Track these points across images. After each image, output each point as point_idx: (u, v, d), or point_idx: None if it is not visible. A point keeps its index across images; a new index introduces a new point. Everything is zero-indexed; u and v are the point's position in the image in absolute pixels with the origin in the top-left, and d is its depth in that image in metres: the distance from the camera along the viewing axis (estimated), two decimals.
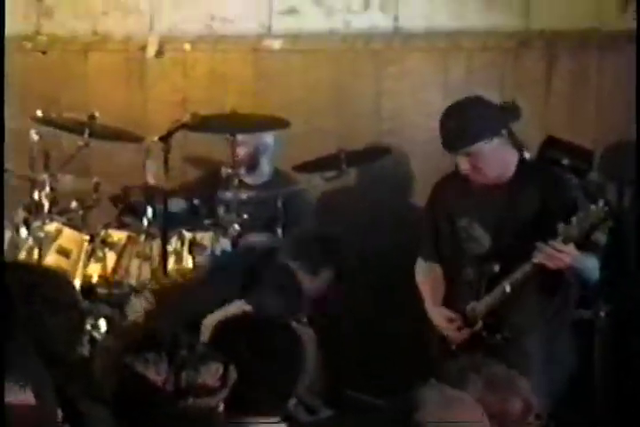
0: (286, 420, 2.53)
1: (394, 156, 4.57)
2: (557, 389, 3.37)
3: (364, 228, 4.66)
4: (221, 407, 2.42)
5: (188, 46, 5.00)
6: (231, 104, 4.39)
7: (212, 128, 4.15)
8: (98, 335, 3.79)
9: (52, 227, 4.17)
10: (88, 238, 4.13)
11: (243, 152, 4.40)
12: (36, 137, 4.29)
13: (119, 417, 2.28)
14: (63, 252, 4.15)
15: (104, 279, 4.09)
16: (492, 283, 3.39)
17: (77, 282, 4.04)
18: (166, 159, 3.92)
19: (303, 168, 4.32)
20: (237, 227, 4.01)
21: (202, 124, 4.04)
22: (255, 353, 2.46)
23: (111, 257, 4.10)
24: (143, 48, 5.01)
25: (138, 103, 5.01)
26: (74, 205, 4.27)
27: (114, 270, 4.10)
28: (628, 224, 3.49)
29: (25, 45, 5.11)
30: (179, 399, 2.36)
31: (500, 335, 3.39)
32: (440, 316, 3.51)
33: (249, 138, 4.41)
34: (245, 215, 4.05)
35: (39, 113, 4.37)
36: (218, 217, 4.11)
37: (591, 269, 3.31)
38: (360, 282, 4.42)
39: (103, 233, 4.12)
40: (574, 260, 3.24)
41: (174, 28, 5.04)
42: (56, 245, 4.15)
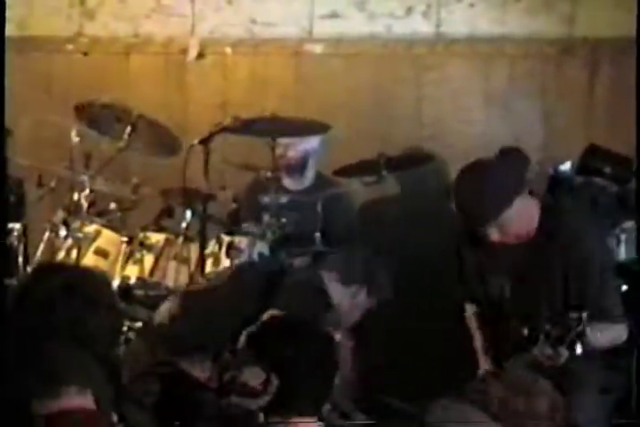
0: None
1: (435, 162, 4.55)
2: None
3: (404, 236, 4.65)
4: (261, 418, 2.42)
5: (228, 49, 5.01)
6: (271, 108, 4.38)
7: (252, 131, 4.14)
8: (133, 337, 3.80)
9: (90, 228, 4.18)
10: (126, 240, 4.13)
11: (292, 156, 4.40)
12: (77, 138, 4.30)
13: (160, 415, 2.28)
14: (101, 253, 4.16)
15: (141, 281, 4.09)
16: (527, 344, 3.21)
17: (115, 283, 4.05)
18: (206, 162, 3.92)
19: (343, 173, 4.30)
20: (276, 230, 3.99)
21: (243, 128, 4.03)
22: (290, 356, 2.46)
23: (149, 259, 4.10)
24: (184, 51, 5.03)
25: (178, 106, 5.02)
26: (112, 206, 4.28)
27: (151, 272, 4.10)
28: None
29: (66, 47, 5.14)
30: (221, 397, 2.37)
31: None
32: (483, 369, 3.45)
33: (298, 142, 4.40)
34: (284, 219, 4.03)
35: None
36: (257, 221, 4.10)
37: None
38: (400, 287, 4.40)
39: (141, 235, 4.13)
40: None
41: (215, 31, 5.05)
42: (94, 246, 4.17)
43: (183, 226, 4.08)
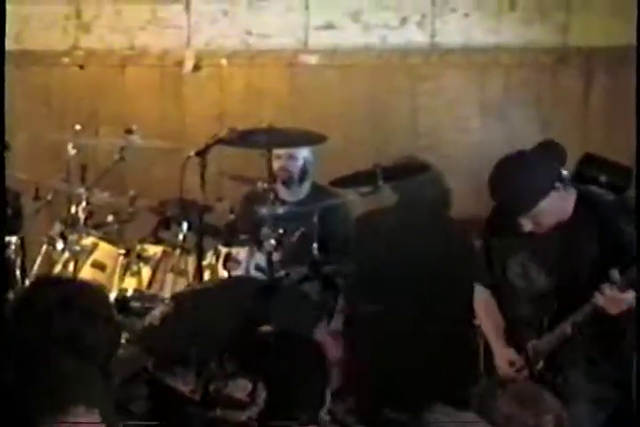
0: None
1: (431, 172, 4.55)
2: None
3: (401, 245, 4.65)
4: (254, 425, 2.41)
5: (224, 61, 5.02)
6: (267, 119, 4.39)
7: (249, 143, 4.14)
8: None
9: (88, 240, 4.18)
10: (124, 252, 4.13)
11: (291, 167, 4.41)
12: (73, 151, 4.31)
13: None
14: (99, 265, 4.16)
15: (139, 293, 4.09)
16: (553, 322, 3.30)
17: (112, 296, 4.05)
18: (202, 174, 3.92)
19: (339, 183, 4.30)
20: (273, 242, 3.99)
21: (239, 139, 4.03)
22: (281, 367, 2.46)
23: (146, 271, 4.10)
24: (180, 63, 5.03)
25: (175, 117, 5.03)
26: (110, 218, 4.28)
27: (149, 285, 4.10)
28: None
29: (63, 60, 5.15)
30: (207, 410, 2.35)
31: (562, 377, 3.31)
32: (503, 357, 3.42)
33: (296, 153, 4.41)
34: (281, 230, 4.03)
35: (77, 127, 4.38)
36: (254, 232, 4.10)
37: None
38: (398, 298, 4.41)
39: (139, 247, 4.13)
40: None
41: (211, 42, 5.06)
42: (92, 258, 4.17)
43: (180, 238, 4.08)
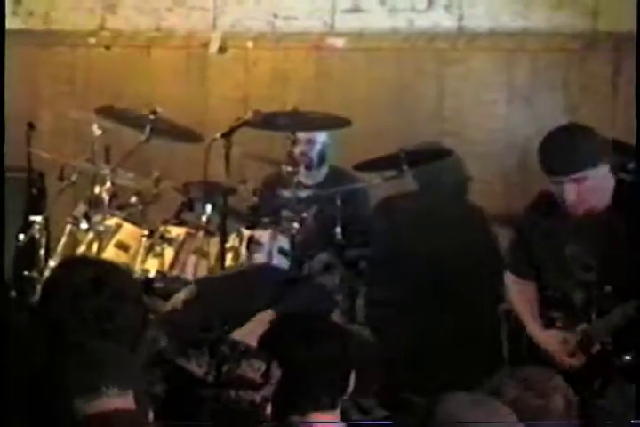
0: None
1: (458, 157, 4.54)
2: None
3: (422, 231, 4.64)
4: (268, 409, 2.41)
5: (250, 44, 5.01)
6: (292, 102, 4.38)
7: (273, 126, 4.14)
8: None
9: (111, 221, 4.19)
10: (147, 234, 4.14)
11: (312, 150, 4.41)
12: (99, 131, 4.31)
13: (167, 411, 2.27)
14: (122, 246, 4.17)
15: (161, 275, 4.10)
16: (604, 305, 3.30)
17: (135, 276, 4.06)
18: (227, 156, 3.91)
19: (363, 167, 4.30)
20: (296, 225, 3.99)
21: (263, 122, 4.03)
22: (305, 348, 2.45)
23: (169, 253, 4.10)
24: (205, 45, 5.03)
25: (199, 99, 5.02)
26: (134, 199, 4.29)
27: (171, 266, 4.11)
28: None
29: (89, 41, 5.16)
30: (221, 391, 2.35)
31: (631, 356, 3.26)
32: (552, 338, 3.42)
33: (317, 136, 4.40)
34: (304, 214, 4.03)
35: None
36: (277, 215, 4.10)
37: None
38: (417, 283, 4.41)
39: (162, 229, 4.13)
40: None
41: (237, 24, 5.05)
42: (115, 239, 4.18)
43: (204, 220, 4.09)
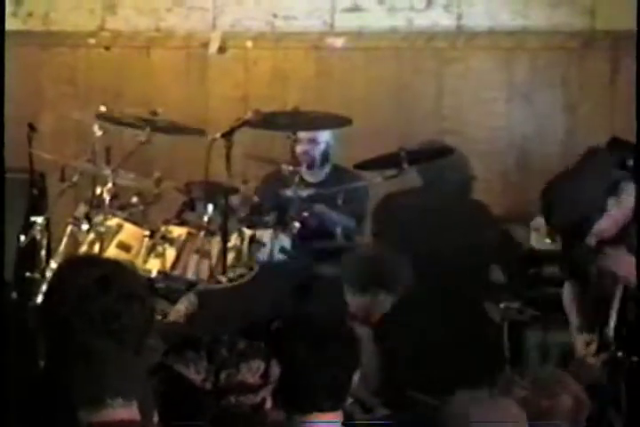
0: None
1: (457, 155, 4.54)
2: None
3: (425, 228, 4.65)
4: (268, 404, 2.40)
5: (249, 43, 5.01)
6: (292, 101, 4.39)
7: (274, 125, 4.14)
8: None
9: (113, 222, 4.18)
10: (148, 234, 4.13)
11: (315, 150, 4.41)
12: (99, 132, 4.31)
13: (164, 418, 2.25)
14: (123, 247, 4.17)
15: (163, 275, 4.10)
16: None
17: None
18: (228, 156, 3.92)
19: (364, 166, 4.30)
20: (297, 224, 4.00)
21: (264, 122, 4.03)
22: (310, 349, 2.44)
23: (170, 253, 4.10)
24: (205, 45, 5.03)
25: (199, 99, 5.03)
26: (135, 200, 4.29)
27: (173, 266, 4.11)
28: None
29: (89, 41, 5.16)
30: (219, 398, 2.34)
31: (637, 357, 3.27)
32: (580, 342, 3.44)
33: (319, 135, 4.41)
34: (305, 213, 4.04)
35: (102, 108, 4.39)
36: (278, 214, 4.11)
37: None
38: (422, 282, 4.40)
39: (163, 229, 4.13)
40: None
41: (236, 24, 5.05)
42: (117, 239, 4.17)
43: (205, 220, 4.09)
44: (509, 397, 2.44)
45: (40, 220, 4.31)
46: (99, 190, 4.24)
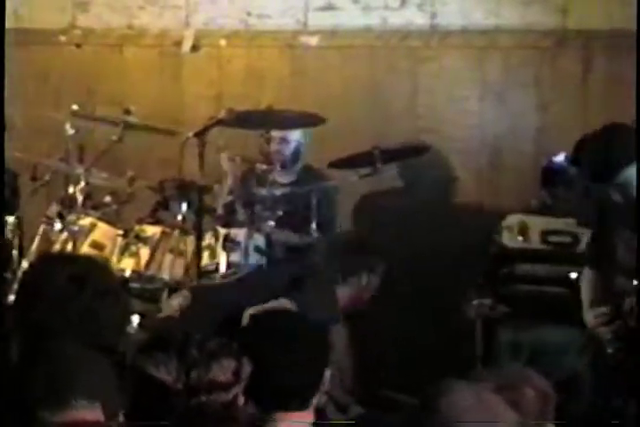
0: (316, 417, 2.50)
1: (430, 153, 4.55)
2: None
3: (401, 227, 4.66)
4: (241, 401, 2.39)
5: (223, 42, 5.00)
6: (267, 100, 4.38)
7: (247, 124, 4.13)
8: (131, 330, 3.79)
9: (86, 221, 4.16)
10: (122, 233, 4.12)
11: (286, 149, 4.41)
12: (72, 130, 4.29)
13: (134, 418, 2.24)
14: (97, 246, 4.15)
15: (137, 274, 4.09)
16: None
17: None
18: (201, 155, 3.91)
19: (338, 165, 4.30)
20: (272, 223, 4.00)
21: (237, 120, 4.02)
22: (275, 348, 2.43)
23: (145, 252, 4.09)
24: (178, 43, 5.02)
25: (173, 98, 5.01)
26: (108, 199, 4.27)
27: (147, 265, 4.09)
28: None
29: (60, 39, 5.13)
30: (190, 397, 2.33)
31: None
32: (591, 315, 3.49)
33: (291, 134, 4.41)
34: (280, 212, 4.04)
35: (75, 106, 4.37)
36: (252, 213, 4.10)
37: None
38: (397, 280, 4.42)
39: (137, 228, 4.11)
40: None
41: (210, 23, 5.04)
42: (90, 239, 4.15)
43: (179, 218, 4.08)
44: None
45: (12, 219, 4.29)
46: (71, 189, 4.21)
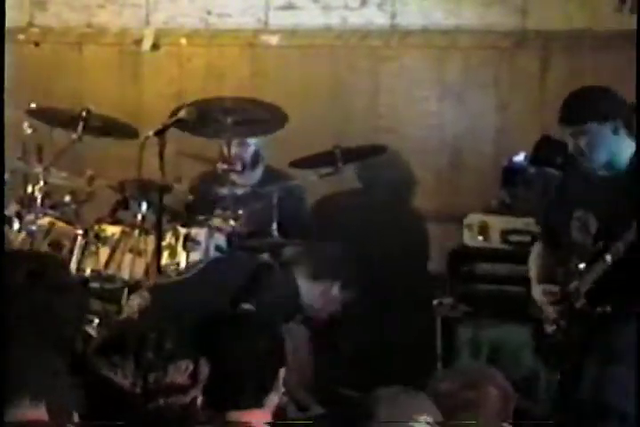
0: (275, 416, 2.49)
1: (390, 153, 4.57)
2: None
3: (362, 229, 4.67)
4: (199, 403, 2.38)
5: (183, 40, 4.99)
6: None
7: (204, 133, 4.11)
8: (91, 331, 3.77)
9: (44, 221, 4.14)
10: (81, 233, 4.10)
11: (246, 152, 4.41)
12: (29, 130, 4.26)
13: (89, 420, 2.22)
14: (56, 246, 4.12)
15: (97, 274, 4.06)
16: (593, 262, 3.42)
17: None
18: (161, 154, 3.89)
19: (299, 164, 4.31)
20: (232, 223, 3.99)
21: (197, 121, 4.00)
22: (231, 347, 2.43)
23: (104, 252, 4.06)
24: (138, 41, 4.99)
25: (132, 96, 4.99)
26: (67, 199, 4.24)
27: (107, 265, 4.07)
28: None
29: (18, 37, 5.08)
30: (148, 401, 2.31)
31: (602, 308, 3.39)
32: (540, 290, 3.56)
33: (247, 139, 4.40)
34: (240, 211, 4.03)
35: (32, 105, 4.33)
36: (213, 213, 4.09)
37: None
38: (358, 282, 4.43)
39: (97, 227, 4.09)
40: None
41: (170, 21, 5.02)
42: (49, 238, 4.13)
43: (139, 218, 4.06)
44: (436, 391, 2.47)
45: None
46: (30, 189, 4.18)
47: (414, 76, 4.89)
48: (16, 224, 4.13)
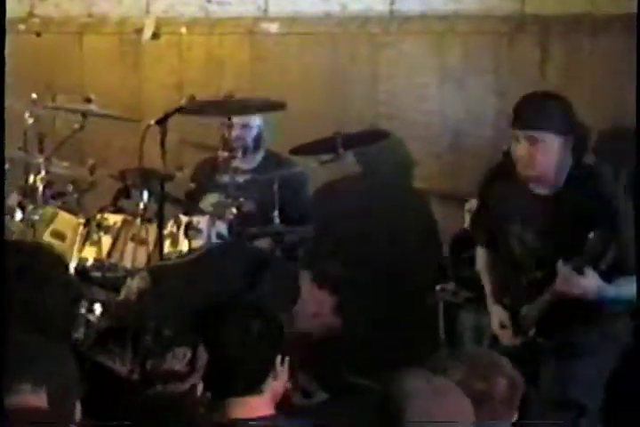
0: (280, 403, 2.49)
1: (391, 140, 4.57)
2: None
3: (363, 215, 4.68)
4: (199, 391, 2.38)
5: (183, 29, 4.99)
6: (227, 87, 4.38)
7: (208, 111, 4.13)
8: (93, 319, 3.79)
9: (46, 210, 4.16)
10: (83, 222, 4.12)
11: (248, 134, 4.42)
12: (31, 120, 4.27)
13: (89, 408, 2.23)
14: (58, 235, 4.14)
15: (99, 263, 4.08)
16: (542, 288, 3.37)
17: (72, 265, 4.03)
18: (163, 142, 3.90)
19: (299, 151, 4.31)
20: (234, 210, 4.00)
21: (198, 108, 4.02)
22: (228, 333, 2.42)
23: (106, 241, 4.08)
24: (139, 31, 5.00)
25: (133, 85, 5.00)
26: (69, 188, 4.26)
27: (109, 254, 4.09)
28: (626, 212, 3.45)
29: (18, 27, 5.09)
30: (146, 388, 2.31)
31: (553, 342, 3.38)
32: (495, 318, 3.56)
33: (251, 120, 4.41)
34: (242, 199, 4.04)
35: (34, 95, 4.34)
36: (214, 201, 4.11)
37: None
38: (361, 269, 4.45)
39: (99, 217, 4.11)
40: (592, 288, 3.19)
41: (170, 10, 5.02)
42: (51, 228, 4.15)
43: (141, 207, 4.07)
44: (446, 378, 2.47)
45: None
46: (32, 179, 4.20)
47: (414, 63, 4.89)
48: (19, 214, 4.15)
